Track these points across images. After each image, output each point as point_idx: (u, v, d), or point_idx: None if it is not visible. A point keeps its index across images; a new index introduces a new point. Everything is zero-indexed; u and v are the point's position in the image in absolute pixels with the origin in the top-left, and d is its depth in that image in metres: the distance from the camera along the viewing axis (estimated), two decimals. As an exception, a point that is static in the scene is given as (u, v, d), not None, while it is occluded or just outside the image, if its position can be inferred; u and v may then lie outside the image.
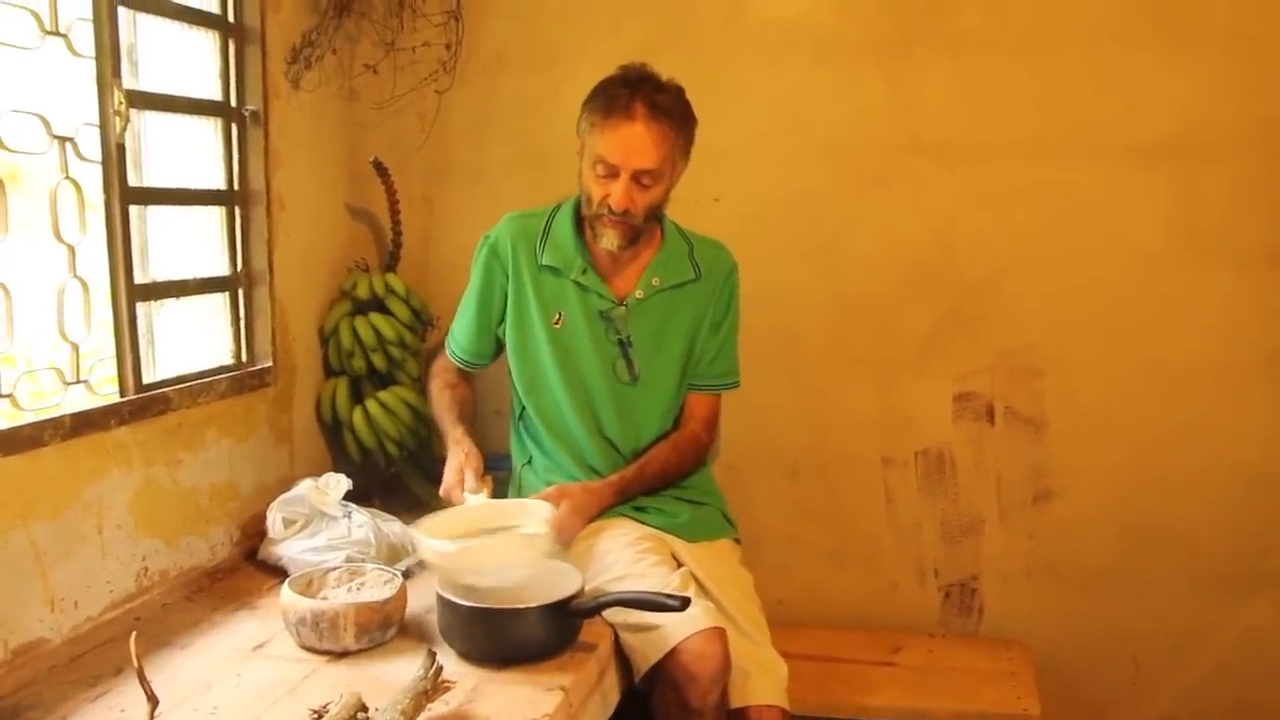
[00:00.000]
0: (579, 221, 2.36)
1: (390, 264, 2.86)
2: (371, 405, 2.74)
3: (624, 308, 2.36)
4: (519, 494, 2.48)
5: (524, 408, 2.47)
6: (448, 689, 1.74)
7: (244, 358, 2.52)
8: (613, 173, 2.20)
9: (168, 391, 2.20)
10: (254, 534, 2.44)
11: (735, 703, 2.12)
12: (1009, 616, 2.82)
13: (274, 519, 2.33)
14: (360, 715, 1.61)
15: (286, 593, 1.96)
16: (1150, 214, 2.64)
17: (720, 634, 2.05)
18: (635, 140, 2.17)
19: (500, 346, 2.47)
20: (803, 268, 2.81)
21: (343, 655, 1.92)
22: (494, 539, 2.05)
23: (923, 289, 2.77)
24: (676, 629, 2.03)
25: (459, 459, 2.28)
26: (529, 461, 2.50)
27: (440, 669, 1.72)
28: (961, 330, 2.77)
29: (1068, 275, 2.70)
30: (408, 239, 2.88)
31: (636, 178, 2.20)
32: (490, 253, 2.41)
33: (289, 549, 2.31)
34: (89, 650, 1.94)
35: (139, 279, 2.18)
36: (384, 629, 1.95)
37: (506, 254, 2.38)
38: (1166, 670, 2.77)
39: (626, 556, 2.18)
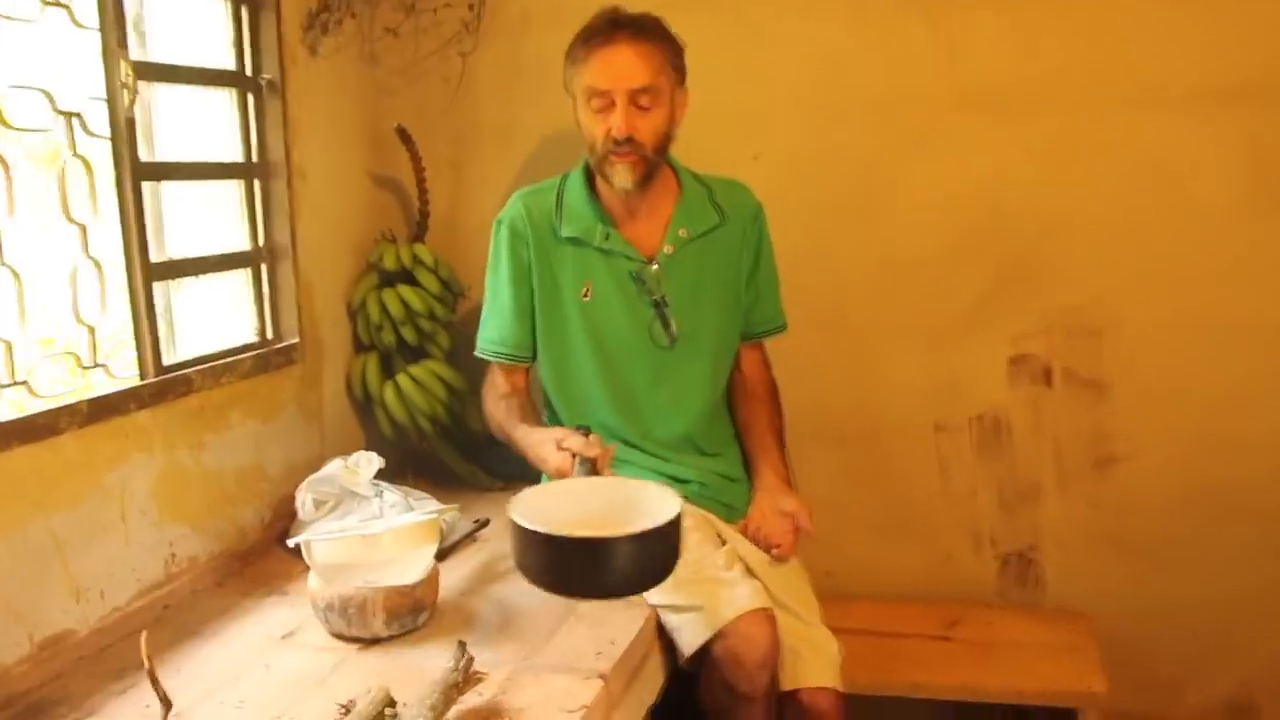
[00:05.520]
0: (591, 185, 2.27)
1: (418, 234, 2.77)
2: (403, 380, 2.67)
3: (656, 266, 2.25)
4: None
5: (551, 397, 2.37)
6: (480, 680, 1.67)
7: (268, 335, 2.45)
8: (608, 102, 2.11)
9: (189, 373, 2.14)
10: (285, 515, 2.38)
11: (786, 685, 2.05)
12: (1070, 587, 2.71)
13: (304, 500, 2.27)
14: (388, 711, 1.55)
15: (314, 579, 1.90)
16: (1215, 165, 2.50)
17: (767, 615, 1.98)
18: (622, 60, 2.09)
19: None
20: (847, 226, 2.70)
21: (374, 642, 1.86)
22: (381, 532, 1.97)
23: (973, 248, 2.65)
24: (721, 611, 1.95)
25: (553, 436, 2.08)
26: None
27: (471, 660, 1.65)
28: (1015, 291, 2.64)
29: (1126, 231, 2.56)
30: (435, 207, 2.79)
31: (633, 99, 2.10)
32: (510, 232, 2.29)
33: (319, 530, 2.24)
34: (118, 641, 1.89)
35: (155, 257, 2.10)
36: (415, 614, 1.89)
37: (526, 231, 2.27)
38: (1239, 642, 2.65)
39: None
